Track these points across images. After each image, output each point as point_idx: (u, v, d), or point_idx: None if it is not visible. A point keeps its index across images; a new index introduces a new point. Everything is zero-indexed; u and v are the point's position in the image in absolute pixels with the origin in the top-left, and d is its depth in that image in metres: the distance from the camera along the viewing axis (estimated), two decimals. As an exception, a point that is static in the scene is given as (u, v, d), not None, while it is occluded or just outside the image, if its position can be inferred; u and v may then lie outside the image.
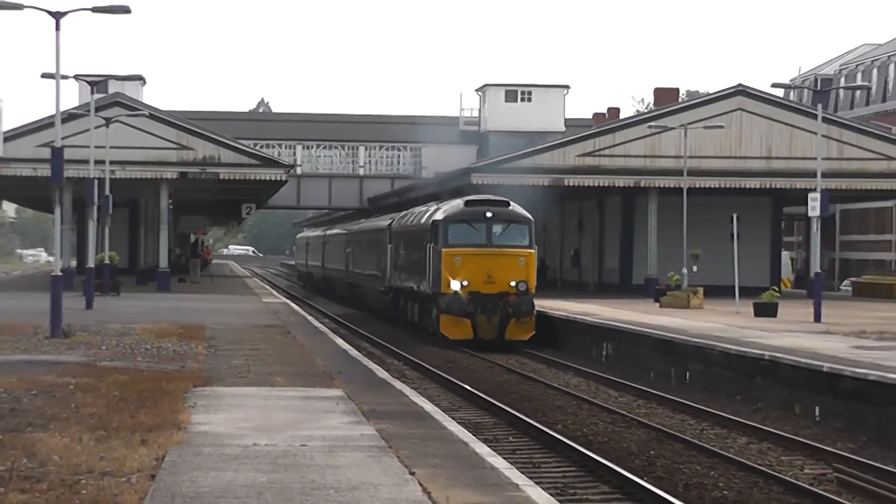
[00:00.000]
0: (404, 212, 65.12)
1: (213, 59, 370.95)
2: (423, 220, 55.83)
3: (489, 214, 49.50)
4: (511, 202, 52.35)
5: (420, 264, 54.87)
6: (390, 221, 64.18)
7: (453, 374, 43.16)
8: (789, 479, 22.67)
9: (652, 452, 26.69)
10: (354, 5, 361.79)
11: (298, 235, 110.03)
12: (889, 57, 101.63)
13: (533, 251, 51.18)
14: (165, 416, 22.06)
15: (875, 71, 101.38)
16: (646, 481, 23.02)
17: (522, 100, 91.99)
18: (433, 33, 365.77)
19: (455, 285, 47.22)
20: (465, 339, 48.78)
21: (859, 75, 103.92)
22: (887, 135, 75.71)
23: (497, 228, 49.43)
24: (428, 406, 26.57)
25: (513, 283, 48.06)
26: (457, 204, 52.55)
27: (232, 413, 23.53)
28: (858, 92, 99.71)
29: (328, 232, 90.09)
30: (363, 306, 75.95)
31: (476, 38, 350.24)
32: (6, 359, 29.33)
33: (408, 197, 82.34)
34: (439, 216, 51.14)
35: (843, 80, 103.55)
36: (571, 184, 71.54)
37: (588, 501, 21.31)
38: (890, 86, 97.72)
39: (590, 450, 25.93)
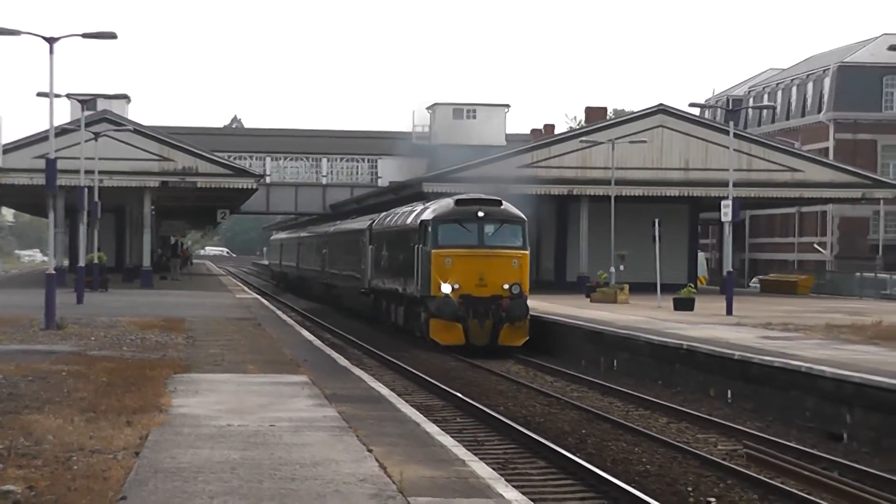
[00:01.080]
0: (385, 212, 57.26)
1: (192, 79, 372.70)
2: (409, 221, 48.40)
3: (481, 214, 42.41)
4: (503, 201, 45.22)
5: (406, 266, 47.02)
6: (370, 222, 56.72)
7: (406, 361, 42.48)
8: (704, 455, 23.16)
9: (584, 431, 27.10)
10: (319, 35, 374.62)
11: (272, 237, 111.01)
12: (791, 80, 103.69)
13: (526, 252, 43.45)
14: (149, 400, 22.10)
15: (779, 92, 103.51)
16: (578, 457, 23.55)
17: (468, 117, 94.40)
18: (389, 56, 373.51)
19: (446, 288, 40.44)
20: (457, 345, 41.69)
21: (766, 96, 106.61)
22: (790, 149, 77.84)
23: (489, 228, 42.44)
24: (384, 391, 26.58)
25: (506, 286, 41.04)
26: (447, 203, 45.31)
27: (208, 397, 23.52)
28: (765, 111, 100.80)
29: (302, 234, 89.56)
30: (337, 305, 68.85)
31: (428, 61, 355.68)
32: (4, 348, 29.17)
33: (366, 203, 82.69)
34: (428, 216, 44.05)
35: (751, 100, 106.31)
36: (512, 192, 65.93)
37: (527, 475, 21.40)
38: (792, 105, 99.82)
39: (528, 429, 26.39)
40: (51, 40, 32.61)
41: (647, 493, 19.54)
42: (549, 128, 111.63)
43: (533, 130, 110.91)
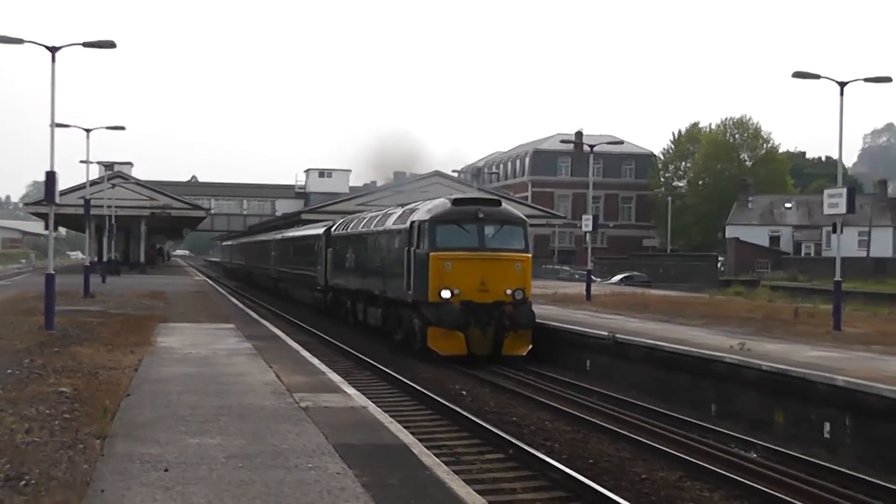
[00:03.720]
0: (343, 220, 51.01)
1: (168, 150, 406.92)
2: (389, 223, 39.42)
3: (481, 215, 35.25)
4: (503, 201, 38.16)
5: (387, 269, 38.54)
6: (326, 229, 51.46)
7: (292, 314, 50.22)
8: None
9: (391, 356, 32.99)
10: (246, 118, 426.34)
11: (222, 244, 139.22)
12: (508, 158, 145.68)
13: (529, 256, 35.95)
14: (143, 338, 27.86)
15: (502, 164, 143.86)
16: (376, 362, 30.92)
17: (327, 176, 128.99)
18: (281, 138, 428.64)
19: (446, 294, 33.40)
20: (458, 356, 33.28)
21: (494, 166, 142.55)
22: (508, 196, 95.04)
23: (490, 230, 35.44)
24: (280, 333, 33.29)
25: (509, 292, 33.94)
26: (442, 203, 36.55)
27: (177, 337, 29.18)
28: (494, 174, 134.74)
29: (245, 240, 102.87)
30: (285, 294, 68.36)
31: (301, 140, 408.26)
32: (60, 308, 33.18)
33: (270, 225, 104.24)
34: (423, 216, 35.68)
35: (486, 168, 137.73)
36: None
37: (361, 380, 26.55)
38: (509, 172, 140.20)
39: (360, 352, 33.40)
40: (53, 49, 33.09)
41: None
42: (373, 183, 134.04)
43: (364, 184, 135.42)
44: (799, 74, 34.03)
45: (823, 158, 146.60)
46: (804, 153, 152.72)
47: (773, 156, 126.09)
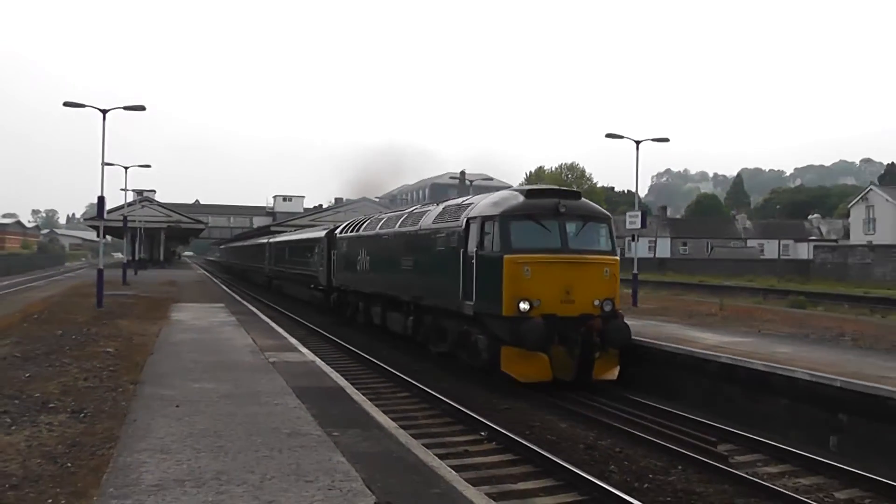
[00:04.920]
0: (348, 222, 36.81)
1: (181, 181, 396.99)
2: (428, 221, 23.64)
3: (562, 209, 19.89)
4: (581, 193, 21.35)
5: (427, 273, 23.20)
6: (327, 232, 38.76)
7: (267, 298, 48.15)
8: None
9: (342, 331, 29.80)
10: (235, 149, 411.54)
11: (221, 247, 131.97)
12: (414, 189, 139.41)
13: (618, 259, 20.42)
14: (162, 314, 27.52)
15: (409, 194, 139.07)
16: (327, 333, 28.21)
17: (288, 200, 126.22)
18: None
19: (525, 306, 18.70)
20: (541, 382, 18.59)
21: (405, 194, 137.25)
22: None
23: (572, 227, 20.10)
24: (255, 310, 32.42)
25: (596, 303, 19.47)
26: (511, 195, 20.49)
27: (186, 313, 28.49)
28: (404, 201, 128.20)
29: (244, 243, 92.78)
30: (279, 290, 55.06)
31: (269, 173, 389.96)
32: (107, 293, 32.65)
33: (248, 235, 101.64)
34: (488, 210, 20.06)
35: (399, 196, 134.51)
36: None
37: (314, 344, 24.88)
38: (414, 201, 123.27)
39: (311, 324, 31.34)
40: (104, 111, 32.04)
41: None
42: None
43: (315, 206, 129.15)
44: (609, 135, 34.99)
45: (626, 191, 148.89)
46: (613, 187, 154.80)
47: (593, 189, 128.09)
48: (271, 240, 61.32)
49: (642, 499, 10.33)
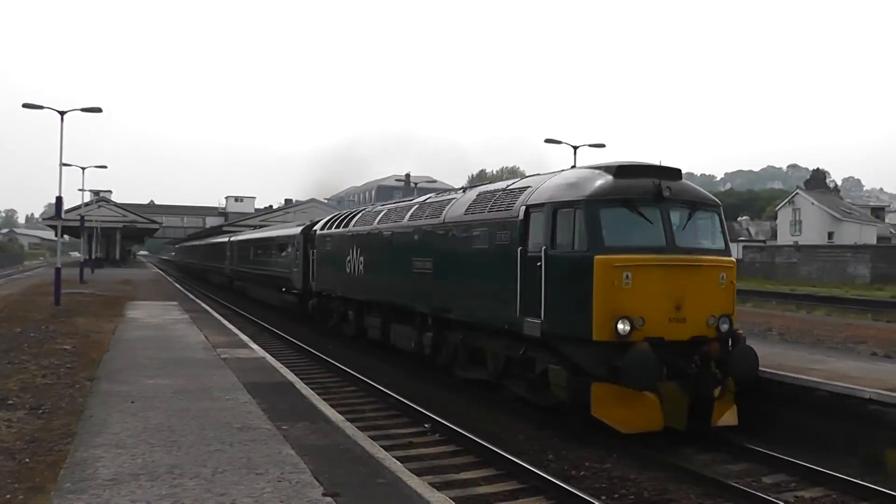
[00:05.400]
0: (333, 214, 30.72)
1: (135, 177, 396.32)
2: (458, 213, 16.75)
3: (666, 193, 12.33)
4: (681, 171, 13.30)
5: (460, 278, 16.25)
6: (304, 228, 32.03)
7: (220, 296, 46.28)
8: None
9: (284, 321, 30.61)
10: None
11: (177, 246, 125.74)
12: (361, 190, 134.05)
13: (734, 261, 13.10)
14: (118, 312, 27.06)
15: (356, 195, 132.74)
16: (265, 323, 29.02)
17: (239, 201, 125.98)
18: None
19: (625, 327, 11.58)
20: (650, 432, 11.69)
21: (352, 196, 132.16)
22: None
23: (676, 218, 12.54)
24: (208, 308, 32.09)
25: (711, 321, 12.14)
26: (592, 174, 13.10)
27: (140, 311, 28.04)
28: (351, 202, 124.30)
29: (201, 242, 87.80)
30: (241, 291, 49.06)
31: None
32: (65, 291, 31.84)
33: (206, 234, 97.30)
34: (567, 194, 12.81)
35: (347, 198, 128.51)
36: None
37: (264, 339, 24.32)
38: (362, 202, 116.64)
39: (260, 320, 30.92)
40: (62, 112, 31.52)
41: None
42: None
43: (265, 207, 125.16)
44: (548, 140, 35.27)
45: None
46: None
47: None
48: (234, 238, 54.64)
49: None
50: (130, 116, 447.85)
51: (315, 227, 29.57)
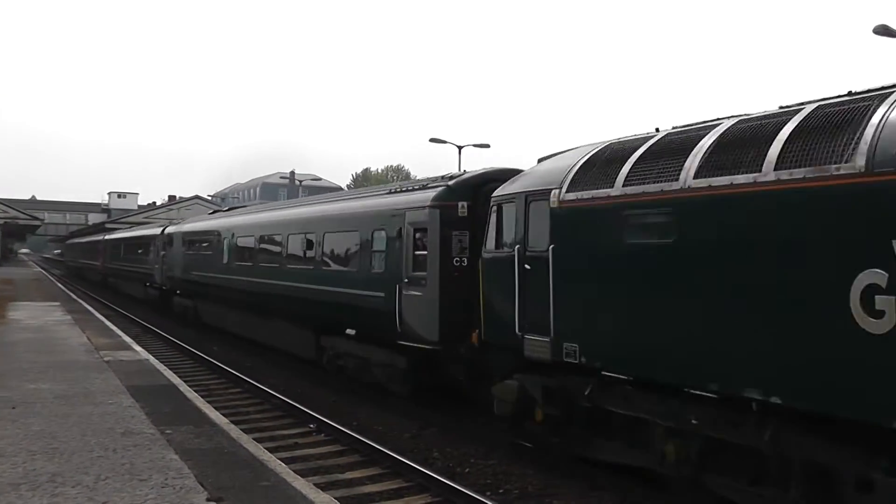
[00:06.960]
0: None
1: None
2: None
3: None
4: None
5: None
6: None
7: (104, 297, 44.64)
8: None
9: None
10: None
11: (57, 244, 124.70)
12: (246, 188, 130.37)
13: None
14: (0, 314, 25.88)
15: (241, 192, 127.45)
16: (149, 324, 28.30)
17: (122, 197, 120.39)
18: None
19: None
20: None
21: (236, 193, 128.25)
22: None
23: None
24: (92, 309, 31.71)
25: None
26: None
27: (23, 311, 27.75)
28: (235, 199, 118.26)
29: (80, 241, 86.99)
30: (114, 287, 50.64)
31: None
32: None
33: (84, 232, 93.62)
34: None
35: (231, 195, 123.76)
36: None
37: (148, 342, 23.54)
38: (246, 199, 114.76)
39: (146, 322, 29.87)
40: None
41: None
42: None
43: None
44: (433, 139, 35.73)
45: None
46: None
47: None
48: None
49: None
50: (9, 110, 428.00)
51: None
